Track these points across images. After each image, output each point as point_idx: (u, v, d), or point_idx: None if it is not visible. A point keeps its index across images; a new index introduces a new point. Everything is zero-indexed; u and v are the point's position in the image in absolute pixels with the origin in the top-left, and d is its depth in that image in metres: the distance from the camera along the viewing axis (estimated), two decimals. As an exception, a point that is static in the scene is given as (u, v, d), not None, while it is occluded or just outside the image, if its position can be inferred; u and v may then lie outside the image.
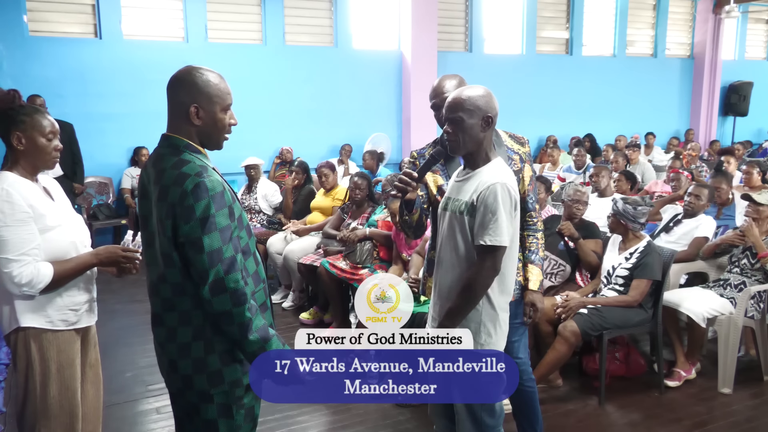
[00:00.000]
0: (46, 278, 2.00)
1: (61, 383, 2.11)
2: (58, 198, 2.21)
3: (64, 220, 2.14)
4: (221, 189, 1.68)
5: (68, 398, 2.13)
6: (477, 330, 2.06)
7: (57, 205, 2.17)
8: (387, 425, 3.22)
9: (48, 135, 2.10)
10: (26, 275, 1.97)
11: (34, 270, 1.98)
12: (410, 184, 2.14)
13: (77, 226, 2.21)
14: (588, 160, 7.20)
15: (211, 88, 1.73)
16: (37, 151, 2.08)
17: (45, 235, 2.04)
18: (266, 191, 5.87)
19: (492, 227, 1.98)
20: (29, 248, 1.99)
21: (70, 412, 2.15)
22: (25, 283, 1.97)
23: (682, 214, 4.36)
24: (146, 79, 6.95)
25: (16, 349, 2.08)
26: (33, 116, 2.08)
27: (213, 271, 1.64)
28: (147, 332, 1.86)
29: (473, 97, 2.04)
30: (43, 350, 2.07)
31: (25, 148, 2.07)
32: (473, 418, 2.14)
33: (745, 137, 10.93)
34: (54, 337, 2.10)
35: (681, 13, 11.25)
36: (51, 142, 2.11)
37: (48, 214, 2.06)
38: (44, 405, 2.09)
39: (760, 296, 3.65)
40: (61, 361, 2.11)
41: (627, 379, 3.71)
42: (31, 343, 2.07)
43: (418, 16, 8.45)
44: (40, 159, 2.10)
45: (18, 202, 1.98)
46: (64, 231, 2.11)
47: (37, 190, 2.10)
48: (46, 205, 2.09)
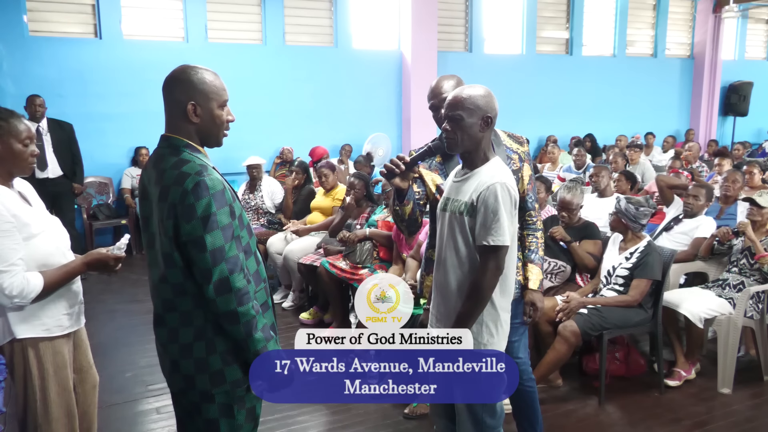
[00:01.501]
0: (37, 288, 1.98)
1: (58, 385, 2.12)
2: (35, 202, 2.17)
3: (46, 227, 2.11)
4: (222, 187, 1.69)
5: (66, 399, 2.15)
6: (479, 330, 2.07)
7: (35, 210, 2.13)
8: (387, 425, 3.22)
9: (24, 140, 2.05)
10: (17, 286, 1.94)
11: (24, 280, 1.95)
12: (398, 167, 2.16)
13: (56, 229, 2.19)
14: (588, 160, 7.19)
15: (207, 85, 1.74)
16: (13, 157, 2.03)
17: (30, 242, 2.01)
18: (272, 189, 5.89)
19: (494, 227, 1.98)
20: (16, 258, 1.95)
21: (69, 412, 2.17)
22: (16, 294, 1.94)
23: (683, 213, 4.37)
24: (146, 79, 6.94)
25: (13, 360, 2.07)
26: (9, 121, 2.03)
27: (217, 269, 1.64)
28: (147, 332, 1.86)
29: (474, 96, 2.04)
30: (40, 356, 2.08)
31: (1, 154, 2.01)
32: (474, 418, 2.14)
33: (745, 137, 10.93)
34: (50, 343, 2.10)
35: (681, 13, 11.25)
36: (27, 147, 2.06)
37: (31, 222, 2.03)
38: (45, 408, 2.10)
39: (759, 296, 3.65)
40: (57, 362, 2.12)
41: (627, 379, 3.72)
42: (29, 352, 2.06)
43: (418, 16, 8.45)
44: (16, 165, 2.05)
45: (2, 212, 1.95)
46: (47, 237, 2.09)
47: (15, 197, 2.05)
48: (26, 212, 2.05)
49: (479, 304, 2.04)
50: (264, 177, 5.99)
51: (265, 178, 6.01)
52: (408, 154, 2.22)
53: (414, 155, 2.21)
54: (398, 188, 2.25)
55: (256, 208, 5.84)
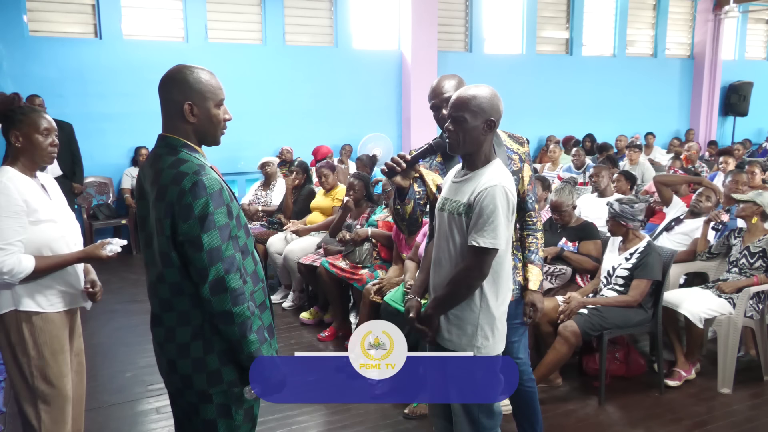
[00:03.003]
0: (27, 270, 2.14)
1: (56, 367, 2.27)
2: (55, 196, 2.35)
3: (58, 217, 2.29)
4: (219, 187, 1.68)
5: (64, 382, 2.30)
6: (474, 333, 2.06)
7: (53, 202, 2.31)
8: (387, 425, 3.22)
9: (43, 132, 2.25)
10: (8, 264, 2.10)
11: (17, 260, 2.12)
12: (399, 164, 2.16)
13: (70, 224, 2.36)
14: (588, 160, 7.19)
15: (203, 84, 1.74)
16: (34, 148, 2.24)
17: (36, 227, 2.19)
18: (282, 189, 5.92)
19: (486, 229, 1.97)
20: (15, 239, 2.13)
21: (65, 395, 2.31)
22: (6, 272, 2.10)
23: (684, 214, 4.37)
24: (146, 79, 6.86)
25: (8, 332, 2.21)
26: (29, 115, 2.24)
27: (213, 269, 1.64)
28: (147, 332, 1.86)
29: (479, 97, 2.02)
30: (35, 335, 2.22)
31: (23, 145, 2.23)
32: (470, 418, 2.13)
33: (745, 137, 10.92)
34: (44, 322, 2.23)
35: (681, 13, 11.25)
36: (47, 138, 2.26)
37: (41, 209, 2.21)
38: (44, 389, 2.25)
39: (759, 296, 3.65)
40: (54, 346, 2.26)
41: (627, 379, 3.71)
42: (23, 325, 2.20)
43: (418, 16, 8.45)
44: (37, 154, 2.26)
45: (14, 195, 2.13)
46: (55, 226, 2.25)
47: (35, 186, 2.25)
48: (40, 200, 2.23)
49: (452, 296, 2.06)
50: (279, 177, 6.09)
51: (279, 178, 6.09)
52: (408, 153, 2.21)
53: (415, 153, 2.20)
54: (399, 187, 2.25)
55: (264, 204, 5.89)
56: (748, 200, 3.81)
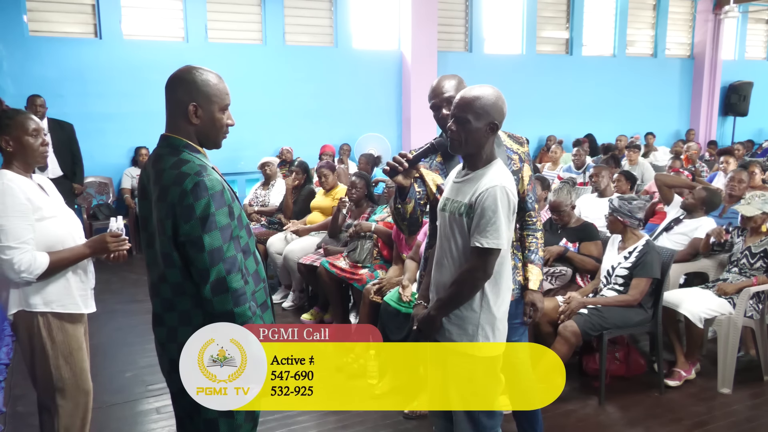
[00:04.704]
0: (43, 265, 2.16)
1: (75, 365, 2.32)
2: (52, 194, 2.39)
3: (59, 213, 2.32)
4: (221, 188, 1.69)
5: (84, 379, 2.36)
6: (474, 332, 2.06)
7: (51, 199, 2.34)
8: (387, 425, 3.22)
9: (32, 133, 2.27)
10: (25, 262, 2.13)
11: (31, 257, 2.15)
12: (401, 164, 2.16)
13: (71, 219, 2.38)
14: (588, 160, 7.19)
15: (210, 87, 1.74)
16: (25, 150, 2.26)
17: (42, 224, 2.21)
18: (282, 189, 5.92)
19: (489, 230, 1.97)
20: (28, 237, 2.15)
21: (86, 390, 2.37)
22: (24, 270, 2.13)
23: (684, 214, 4.37)
24: (146, 79, 6.95)
25: (27, 331, 2.25)
26: (15, 119, 2.26)
27: (214, 270, 1.64)
28: (147, 332, 1.87)
29: (483, 99, 2.01)
30: (52, 335, 2.25)
31: (14, 149, 2.25)
32: (471, 419, 2.13)
33: (745, 137, 10.92)
34: (61, 322, 2.26)
35: (681, 13, 11.25)
36: (37, 139, 2.29)
37: (44, 206, 2.24)
38: (62, 385, 2.30)
39: (759, 296, 3.65)
40: (72, 345, 2.31)
41: (627, 379, 3.71)
42: (41, 326, 2.23)
43: (418, 16, 8.45)
44: (30, 156, 2.28)
45: (18, 195, 2.16)
46: (59, 222, 2.29)
47: (33, 186, 2.28)
48: (41, 198, 2.26)
49: (456, 297, 2.05)
50: (278, 177, 6.11)
51: (279, 178, 6.10)
52: (409, 152, 2.22)
53: (417, 152, 2.20)
54: (400, 186, 2.25)
55: (262, 204, 5.88)
56: (761, 212, 3.73)
